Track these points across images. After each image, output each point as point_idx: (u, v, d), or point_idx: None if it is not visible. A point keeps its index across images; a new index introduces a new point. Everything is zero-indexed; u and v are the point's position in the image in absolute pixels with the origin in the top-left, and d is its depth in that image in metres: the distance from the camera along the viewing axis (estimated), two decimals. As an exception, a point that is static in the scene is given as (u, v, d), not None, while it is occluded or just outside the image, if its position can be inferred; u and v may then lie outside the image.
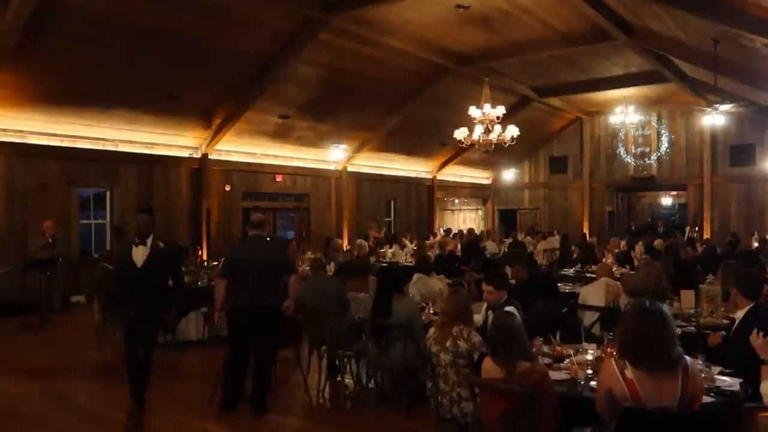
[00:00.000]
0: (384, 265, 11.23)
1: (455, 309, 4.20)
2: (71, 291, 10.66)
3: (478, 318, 4.97)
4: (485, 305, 5.19)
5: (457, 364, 3.96)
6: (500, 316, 3.75)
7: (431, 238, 16.00)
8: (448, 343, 4.03)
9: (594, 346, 4.35)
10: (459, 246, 13.37)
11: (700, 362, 3.55)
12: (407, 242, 14.52)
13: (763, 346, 3.18)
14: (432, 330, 4.27)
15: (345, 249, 13.14)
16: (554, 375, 3.65)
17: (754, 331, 3.24)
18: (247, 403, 5.24)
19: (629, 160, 19.12)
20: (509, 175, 21.46)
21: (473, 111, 10.45)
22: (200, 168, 12.88)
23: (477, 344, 4.00)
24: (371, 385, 5.90)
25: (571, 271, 10.41)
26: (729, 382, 3.46)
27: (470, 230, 17.19)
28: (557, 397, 3.36)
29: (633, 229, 18.84)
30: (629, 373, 2.85)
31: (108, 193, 11.68)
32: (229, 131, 12.50)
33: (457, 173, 20.41)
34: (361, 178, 17.04)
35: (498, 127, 10.57)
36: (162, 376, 6.19)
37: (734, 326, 4.23)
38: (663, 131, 18.60)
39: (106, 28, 8.75)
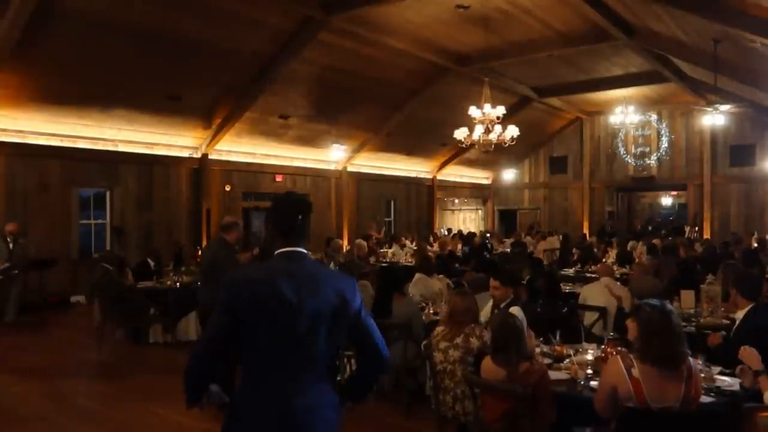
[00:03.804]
0: (384, 265, 11.24)
1: (464, 309, 4.20)
2: (71, 291, 10.68)
3: (482, 317, 4.96)
4: (491, 303, 5.18)
5: (466, 361, 3.95)
6: (504, 316, 3.75)
7: (431, 238, 15.98)
8: (459, 340, 4.02)
9: (594, 346, 4.35)
10: (459, 246, 13.38)
11: (700, 362, 3.55)
12: (407, 242, 14.52)
13: (750, 357, 3.18)
14: (439, 328, 4.24)
15: (345, 249, 13.14)
16: (554, 375, 3.65)
17: (743, 348, 3.25)
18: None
19: (629, 160, 19.12)
20: (509, 175, 21.46)
21: (473, 111, 10.45)
22: (200, 168, 12.88)
23: (488, 342, 3.92)
24: (371, 385, 5.88)
25: (571, 271, 10.42)
26: (729, 382, 3.46)
27: (481, 233, 17.50)
28: (556, 397, 3.37)
29: (608, 230, 18.76)
30: (636, 372, 2.86)
31: (108, 193, 11.68)
32: (229, 131, 12.50)
33: (457, 173, 20.41)
34: (361, 178, 17.04)
35: (498, 127, 10.58)
36: (162, 375, 6.21)
37: (734, 326, 4.24)
38: (663, 131, 18.60)
39: (106, 28, 8.75)
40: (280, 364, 2.10)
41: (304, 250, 2.23)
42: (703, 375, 3.36)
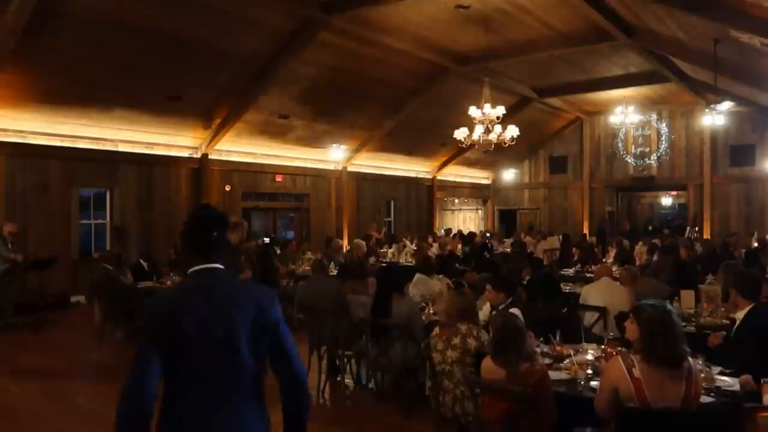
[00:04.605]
0: (384, 265, 11.23)
1: (460, 308, 4.18)
2: (71, 291, 10.68)
3: (481, 316, 4.97)
4: (488, 305, 5.19)
5: (464, 362, 3.94)
6: (504, 317, 3.74)
7: (429, 239, 15.96)
8: (456, 341, 4.01)
9: (594, 346, 4.35)
10: (459, 246, 13.38)
11: (700, 362, 3.56)
12: (407, 242, 14.52)
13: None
14: (437, 328, 4.23)
15: (345, 249, 13.13)
16: (554, 375, 3.65)
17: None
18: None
19: (629, 160, 19.12)
20: (509, 175, 21.47)
21: (473, 111, 10.45)
22: (200, 168, 12.87)
23: (486, 343, 3.94)
24: (371, 385, 5.90)
25: (571, 271, 10.42)
26: (729, 382, 3.47)
27: (482, 233, 17.48)
28: (556, 397, 3.37)
29: (605, 230, 18.80)
30: (637, 372, 2.86)
31: (108, 193, 11.68)
32: (229, 131, 12.50)
33: (457, 173, 20.41)
34: (361, 178, 17.04)
35: (498, 127, 10.58)
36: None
37: (734, 326, 4.24)
38: (663, 131, 18.60)
39: (106, 28, 8.75)
40: (203, 385, 2.01)
41: (220, 266, 2.16)
42: (703, 375, 3.37)
